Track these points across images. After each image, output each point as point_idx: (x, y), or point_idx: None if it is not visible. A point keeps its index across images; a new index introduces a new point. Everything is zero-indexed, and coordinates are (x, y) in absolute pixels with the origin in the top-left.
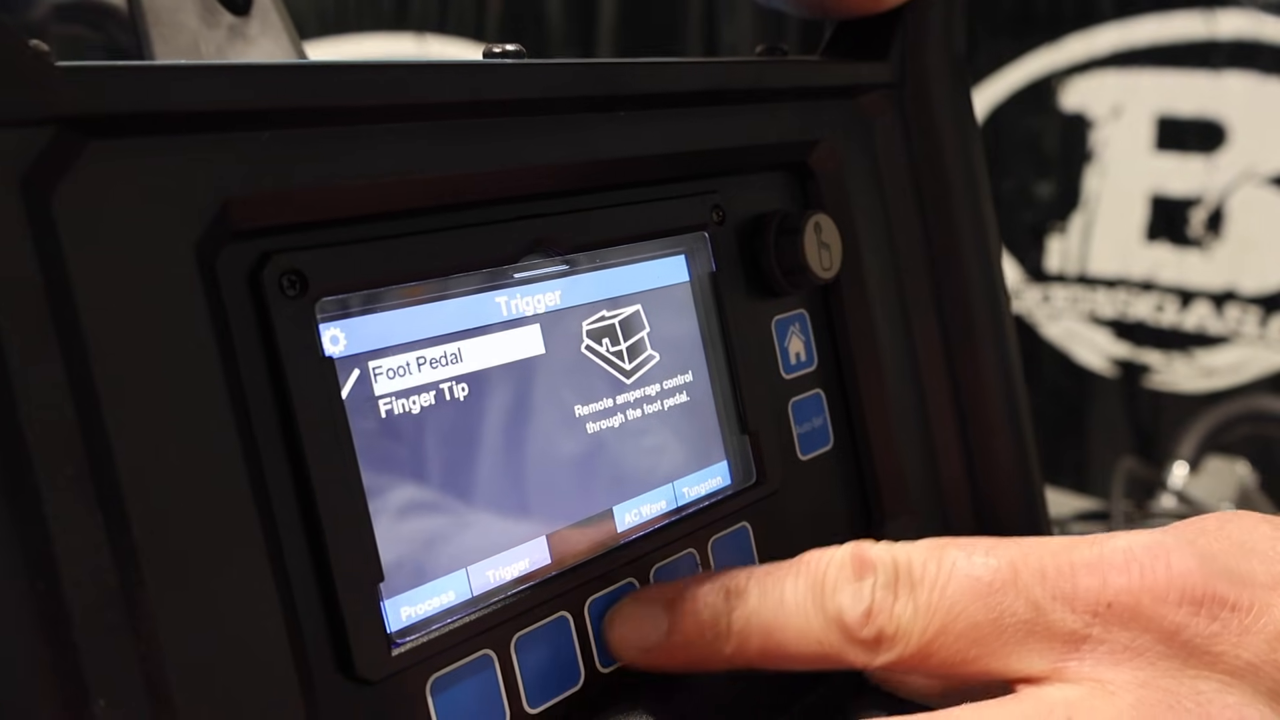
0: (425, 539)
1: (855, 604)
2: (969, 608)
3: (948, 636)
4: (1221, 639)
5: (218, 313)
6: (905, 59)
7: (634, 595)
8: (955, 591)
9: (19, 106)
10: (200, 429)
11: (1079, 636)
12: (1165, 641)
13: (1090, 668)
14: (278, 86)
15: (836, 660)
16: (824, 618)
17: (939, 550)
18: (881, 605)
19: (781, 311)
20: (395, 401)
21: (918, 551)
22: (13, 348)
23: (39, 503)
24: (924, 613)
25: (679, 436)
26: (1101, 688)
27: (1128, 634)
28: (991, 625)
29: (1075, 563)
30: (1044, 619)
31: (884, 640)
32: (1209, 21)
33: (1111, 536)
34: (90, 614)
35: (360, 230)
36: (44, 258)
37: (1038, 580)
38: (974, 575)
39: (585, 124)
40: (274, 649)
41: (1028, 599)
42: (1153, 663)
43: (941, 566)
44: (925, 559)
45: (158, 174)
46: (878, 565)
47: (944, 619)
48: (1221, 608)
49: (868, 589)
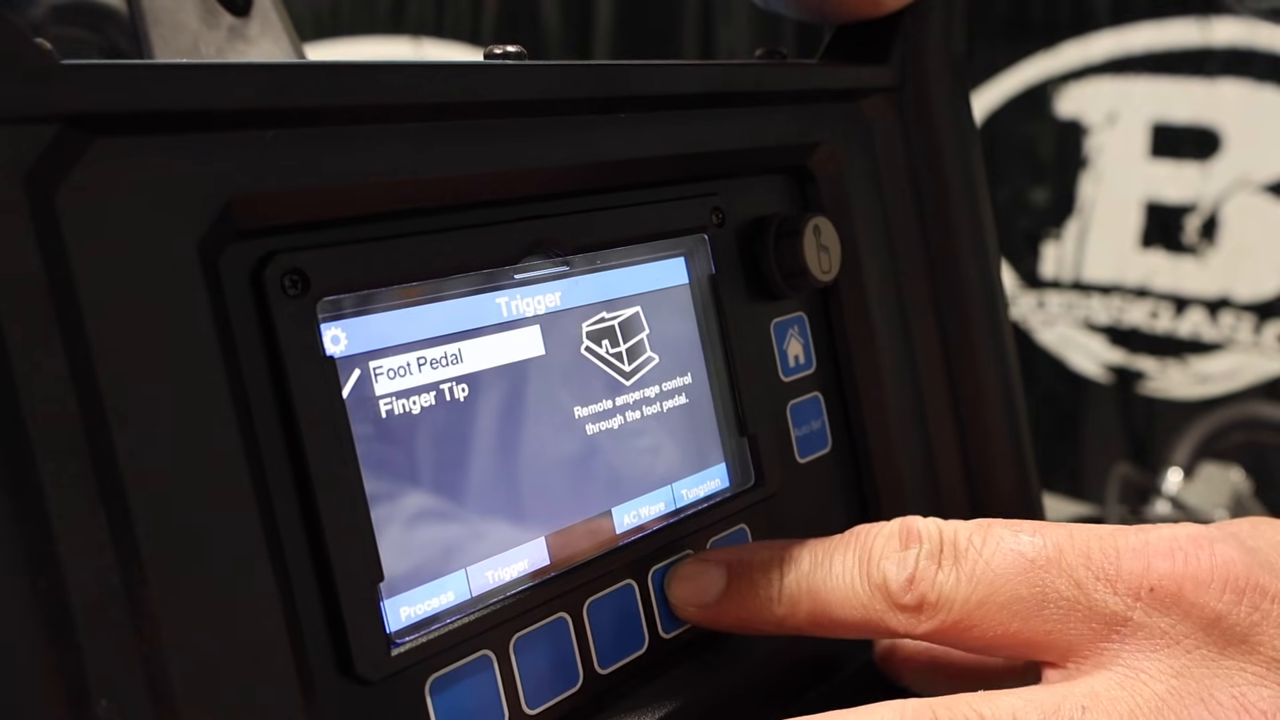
0: (425, 539)
1: (899, 571)
2: (1012, 581)
3: (989, 608)
4: (1261, 629)
5: (220, 311)
6: (905, 63)
7: (697, 556)
8: (1000, 564)
9: (24, 103)
10: (202, 428)
11: (1120, 619)
12: (1205, 629)
13: (1128, 654)
14: (282, 86)
15: (879, 627)
16: (869, 584)
17: (985, 527)
18: (925, 573)
19: (780, 314)
20: (396, 401)
21: (964, 527)
22: (16, 344)
23: (42, 500)
24: (966, 582)
25: (678, 438)
26: (1134, 675)
27: (1167, 620)
28: (1034, 600)
29: (1120, 547)
30: (1086, 598)
31: (925, 607)
32: (1204, 29)
33: (1156, 526)
34: (93, 613)
35: (362, 230)
36: (48, 255)
37: (1082, 561)
38: (1019, 551)
39: (586, 126)
40: (274, 648)
41: (1071, 577)
42: (1189, 651)
43: (987, 541)
44: (971, 533)
45: (162, 172)
46: (924, 536)
47: (986, 590)
48: (1263, 598)
49: (912, 558)
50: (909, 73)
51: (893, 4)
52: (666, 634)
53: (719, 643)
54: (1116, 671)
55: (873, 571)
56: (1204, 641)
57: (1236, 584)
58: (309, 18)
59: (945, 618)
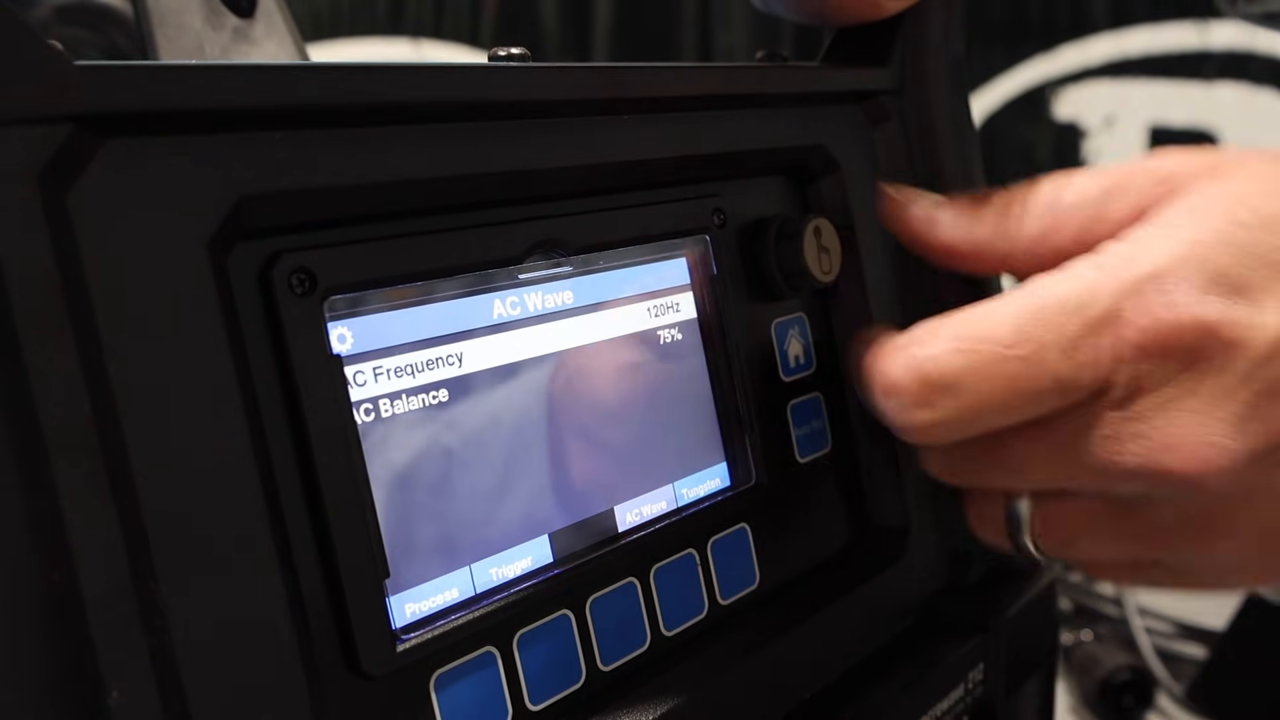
0: (430, 536)
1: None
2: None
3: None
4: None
5: (229, 310)
6: (905, 65)
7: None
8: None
9: (39, 104)
10: (210, 425)
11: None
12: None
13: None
14: (292, 87)
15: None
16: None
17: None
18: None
19: (781, 315)
20: (401, 399)
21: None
22: (29, 343)
23: (55, 497)
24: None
25: (679, 438)
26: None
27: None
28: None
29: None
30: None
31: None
32: (1202, 32)
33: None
34: (104, 606)
35: (368, 230)
36: (60, 254)
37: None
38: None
39: (590, 127)
40: (281, 644)
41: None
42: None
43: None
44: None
45: (172, 172)
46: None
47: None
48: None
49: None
50: (909, 75)
51: (892, 7)
52: (668, 631)
53: (720, 640)
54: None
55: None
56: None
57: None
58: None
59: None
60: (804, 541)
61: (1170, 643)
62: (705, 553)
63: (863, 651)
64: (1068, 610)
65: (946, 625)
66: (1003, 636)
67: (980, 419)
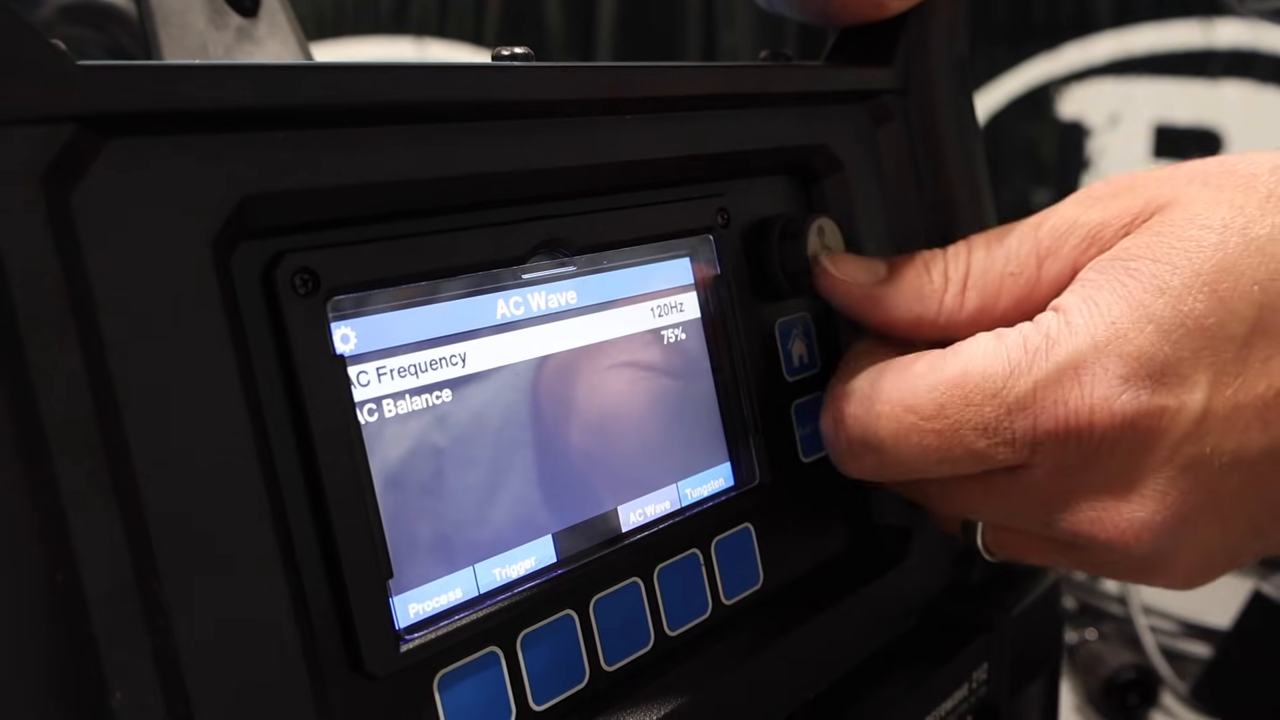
0: (433, 536)
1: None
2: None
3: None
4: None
5: (232, 310)
6: (909, 65)
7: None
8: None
9: (42, 104)
10: (214, 425)
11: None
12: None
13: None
14: (294, 87)
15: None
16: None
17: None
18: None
19: (785, 314)
20: (405, 399)
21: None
22: (33, 342)
23: (58, 496)
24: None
25: (683, 438)
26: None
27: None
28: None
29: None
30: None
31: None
32: (1207, 30)
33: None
34: (107, 606)
35: (372, 230)
36: (63, 254)
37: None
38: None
39: (593, 127)
40: (285, 644)
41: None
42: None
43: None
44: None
45: (176, 172)
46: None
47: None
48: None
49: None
50: (912, 75)
51: (896, 6)
52: (672, 631)
53: (724, 641)
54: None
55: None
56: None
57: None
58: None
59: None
60: (808, 541)
61: (1175, 641)
62: (709, 553)
63: (866, 651)
64: (1072, 609)
65: (950, 625)
66: (1006, 636)
67: (902, 473)
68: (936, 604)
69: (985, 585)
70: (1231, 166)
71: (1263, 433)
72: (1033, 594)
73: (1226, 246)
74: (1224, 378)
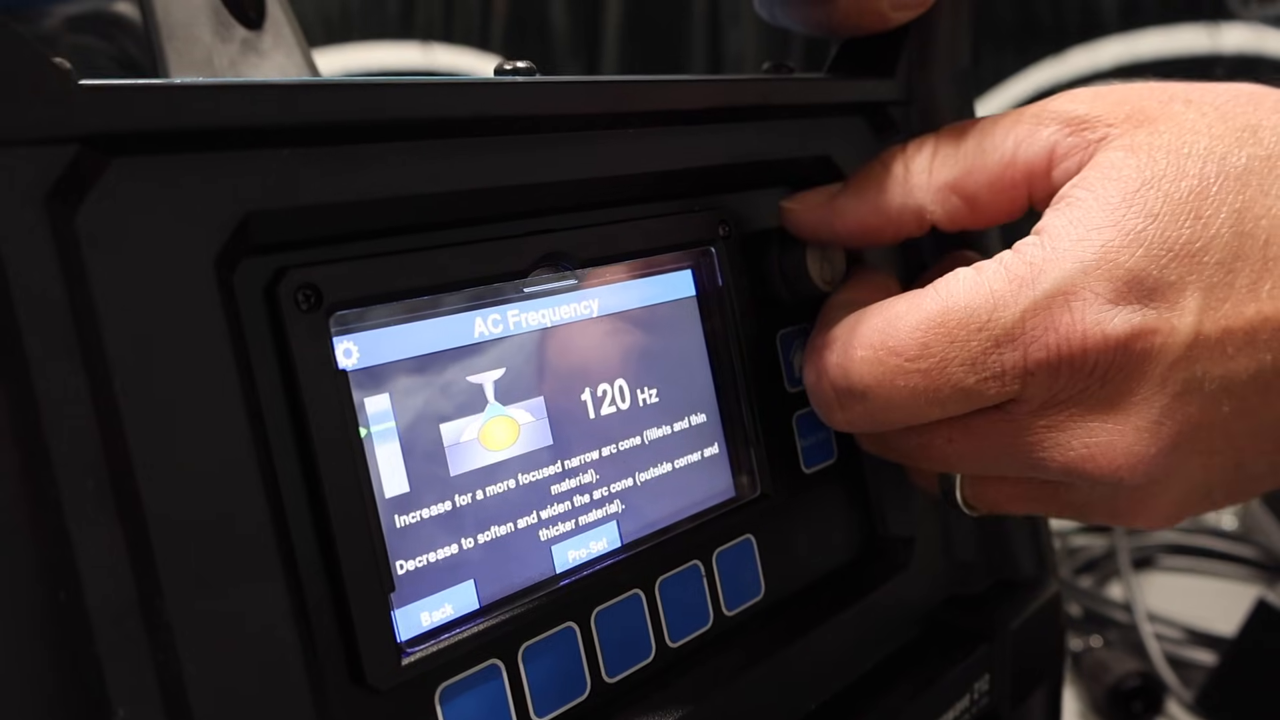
0: (435, 549)
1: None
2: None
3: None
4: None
5: (235, 326)
6: (911, 76)
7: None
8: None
9: (44, 125)
10: (217, 442)
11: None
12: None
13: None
14: (297, 104)
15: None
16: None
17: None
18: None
19: (786, 326)
20: (406, 414)
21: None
22: (37, 362)
23: (61, 515)
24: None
25: (684, 449)
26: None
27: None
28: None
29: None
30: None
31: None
32: (1212, 35)
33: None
34: (110, 624)
35: (374, 245)
36: (68, 274)
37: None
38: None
39: (595, 140)
40: (287, 658)
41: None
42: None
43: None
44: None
45: (178, 190)
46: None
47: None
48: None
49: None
50: (915, 86)
51: (898, 18)
52: (673, 643)
53: (726, 652)
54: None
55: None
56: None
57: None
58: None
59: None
60: (809, 552)
61: (1180, 649)
62: (710, 564)
63: (868, 662)
64: (1076, 616)
65: (952, 635)
66: (1008, 646)
67: (891, 419)
68: (938, 614)
69: (987, 595)
70: (1211, 90)
71: (1251, 358)
72: (1034, 604)
73: (1206, 175)
74: (1212, 301)
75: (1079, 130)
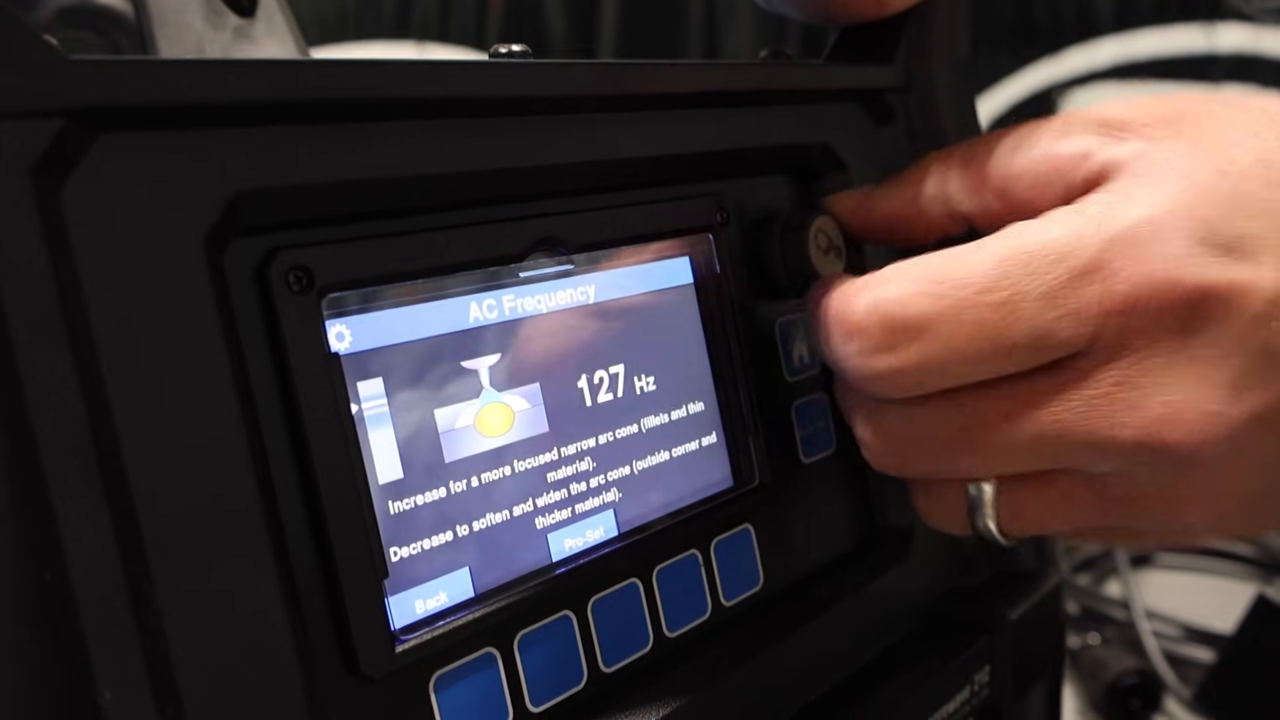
0: (429, 536)
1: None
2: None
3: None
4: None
5: (225, 307)
6: (910, 63)
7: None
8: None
9: (30, 98)
10: (206, 424)
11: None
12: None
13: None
14: (288, 81)
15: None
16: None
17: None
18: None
19: (785, 314)
20: (400, 398)
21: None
22: (22, 339)
23: (47, 495)
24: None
25: (682, 437)
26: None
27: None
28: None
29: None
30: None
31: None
32: (1209, 35)
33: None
34: (97, 605)
35: (367, 227)
36: (53, 250)
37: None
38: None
39: (591, 124)
40: (278, 644)
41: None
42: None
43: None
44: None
45: (167, 167)
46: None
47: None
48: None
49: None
50: (914, 73)
51: (897, 5)
52: (671, 633)
53: (723, 642)
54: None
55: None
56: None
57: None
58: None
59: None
60: (808, 543)
61: (1178, 646)
62: (708, 554)
63: (868, 654)
64: (1074, 613)
65: (952, 627)
66: (1008, 638)
67: (946, 369)
68: (938, 606)
69: (987, 587)
70: (1246, 98)
71: None
72: (1034, 596)
73: (1268, 149)
74: None
75: (1115, 131)
